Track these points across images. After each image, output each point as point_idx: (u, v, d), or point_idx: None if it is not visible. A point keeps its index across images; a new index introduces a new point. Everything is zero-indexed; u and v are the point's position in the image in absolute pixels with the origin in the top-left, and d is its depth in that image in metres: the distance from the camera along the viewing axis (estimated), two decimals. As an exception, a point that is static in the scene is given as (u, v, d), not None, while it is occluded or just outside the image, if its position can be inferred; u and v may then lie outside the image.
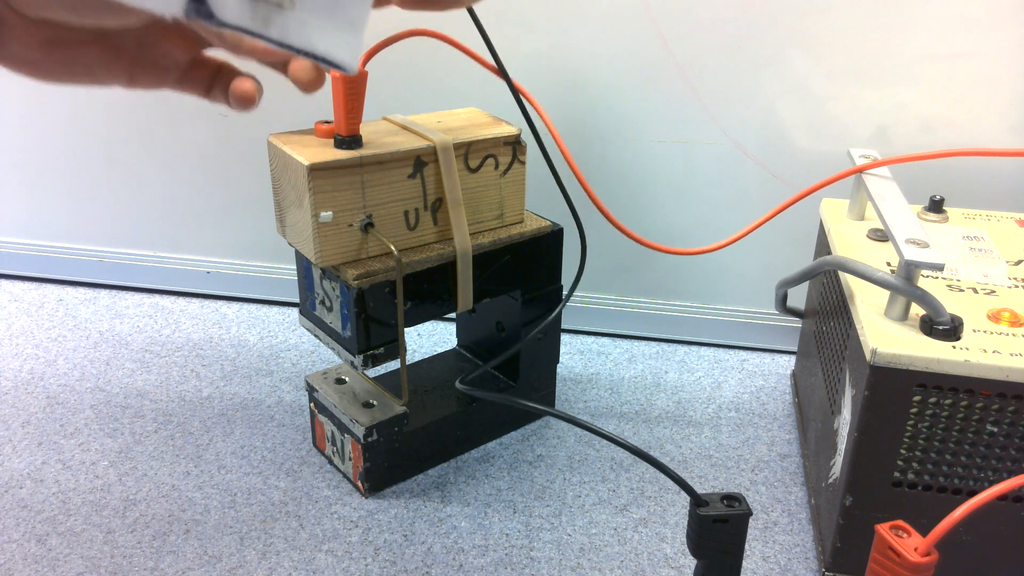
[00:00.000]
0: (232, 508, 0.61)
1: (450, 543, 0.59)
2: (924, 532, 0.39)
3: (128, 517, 0.60)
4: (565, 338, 0.85)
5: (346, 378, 0.66)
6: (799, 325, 0.79)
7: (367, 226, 0.56)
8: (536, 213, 0.66)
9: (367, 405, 0.62)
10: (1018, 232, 0.64)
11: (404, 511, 0.62)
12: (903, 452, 0.50)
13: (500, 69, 0.60)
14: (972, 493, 0.47)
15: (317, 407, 0.66)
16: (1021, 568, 0.51)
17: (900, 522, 0.40)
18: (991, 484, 0.43)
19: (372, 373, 0.67)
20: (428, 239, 0.60)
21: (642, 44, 0.73)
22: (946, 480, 0.50)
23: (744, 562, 0.57)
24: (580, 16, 0.73)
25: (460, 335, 0.76)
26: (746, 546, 0.53)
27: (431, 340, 0.84)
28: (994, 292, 0.55)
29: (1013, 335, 0.49)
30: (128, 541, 0.58)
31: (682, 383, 0.78)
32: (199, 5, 0.20)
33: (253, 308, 0.90)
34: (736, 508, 0.42)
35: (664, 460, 0.67)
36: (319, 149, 0.54)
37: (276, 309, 0.90)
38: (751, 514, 0.43)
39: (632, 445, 0.45)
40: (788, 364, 0.82)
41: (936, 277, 0.56)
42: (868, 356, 0.48)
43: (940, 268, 0.48)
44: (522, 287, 0.65)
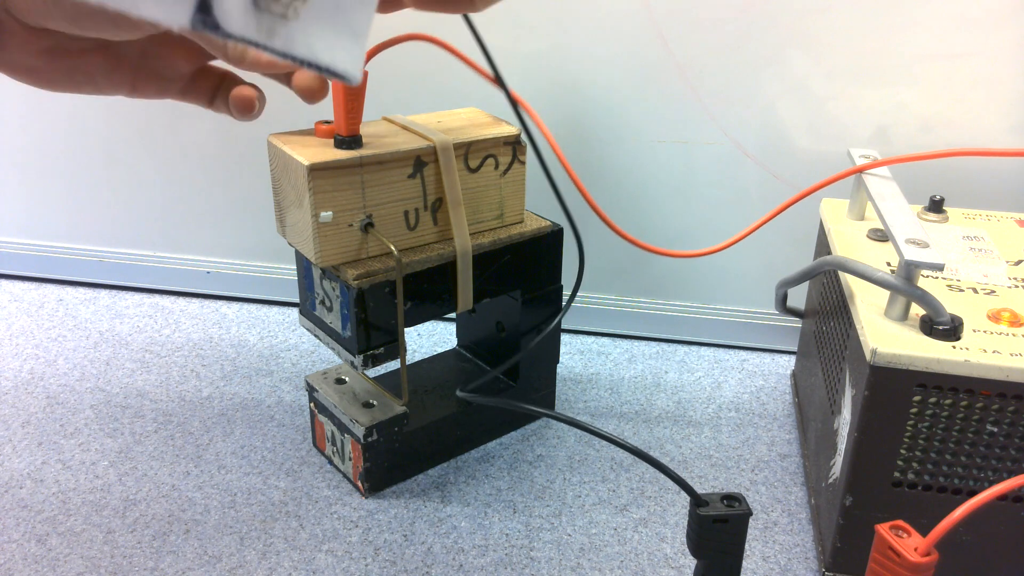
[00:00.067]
0: (232, 508, 0.61)
1: (450, 543, 0.59)
2: (924, 532, 0.39)
3: (128, 517, 0.60)
4: (565, 338, 0.85)
5: (346, 378, 0.66)
6: (799, 325, 0.79)
7: (367, 226, 0.56)
8: (536, 213, 0.66)
9: (367, 405, 0.62)
10: (1018, 232, 0.64)
11: (404, 511, 0.62)
12: (903, 452, 0.50)
13: (497, 77, 0.60)
14: (972, 493, 0.47)
15: (317, 407, 0.66)
16: (1021, 568, 0.51)
17: (900, 522, 0.40)
18: (991, 484, 0.43)
19: (372, 373, 0.67)
20: (428, 239, 0.60)
21: (642, 44, 0.73)
22: (946, 480, 0.50)
23: (744, 562, 0.57)
24: (580, 16, 0.73)
25: (460, 335, 0.76)
26: (746, 546, 0.53)
27: (431, 340, 0.84)
28: (994, 292, 0.55)
29: (1013, 335, 0.49)
30: (128, 541, 0.58)
31: (682, 383, 0.78)
32: (205, 16, 0.20)
33: (253, 308, 0.90)
34: (736, 508, 0.42)
35: (664, 460, 0.67)
36: (319, 149, 0.54)
37: (276, 309, 0.90)
38: (751, 514, 0.43)
39: (632, 445, 0.45)
40: (788, 364, 0.82)
41: (936, 277, 0.56)
42: (868, 356, 0.48)
43: (940, 268, 0.48)
44: (522, 287, 0.65)
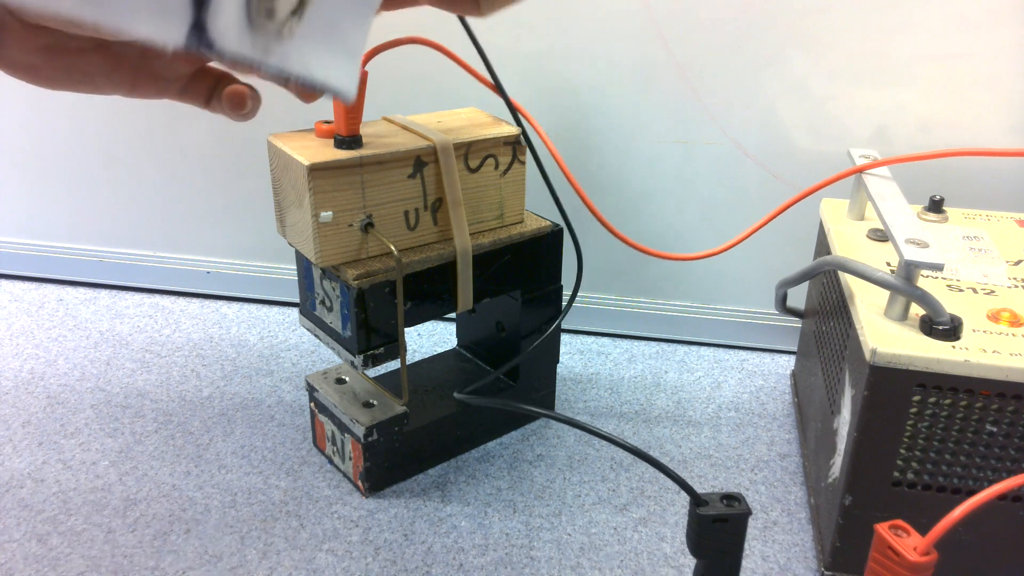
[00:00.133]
0: (232, 508, 0.61)
1: (450, 543, 0.59)
2: (924, 532, 0.39)
3: (129, 517, 0.60)
4: (565, 338, 0.85)
5: (346, 378, 0.66)
6: (799, 325, 0.79)
7: (367, 226, 0.56)
8: (536, 213, 0.66)
9: (367, 405, 0.62)
10: (1018, 232, 0.64)
11: (404, 511, 0.62)
12: (903, 452, 0.50)
13: (495, 84, 0.60)
14: (972, 493, 0.47)
15: (317, 407, 0.66)
16: (1021, 568, 0.51)
17: (899, 522, 0.40)
18: (991, 484, 0.43)
19: (372, 373, 0.67)
20: (428, 239, 0.60)
21: (642, 44, 0.73)
22: (946, 480, 0.50)
23: (744, 561, 0.57)
24: (580, 16, 0.73)
25: (460, 335, 0.76)
26: (746, 546, 0.53)
27: (431, 340, 0.84)
28: (994, 292, 0.55)
29: (1013, 335, 0.49)
30: (129, 540, 0.58)
31: (682, 383, 0.78)
32: (200, 35, 0.20)
33: (253, 308, 0.90)
34: (736, 508, 0.42)
35: (664, 460, 0.67)
36: (319, 149, 0.54)
37: (276, 309, 0.90)
38: (751, 514, 0.43)
39: (631, 445, 0.45)
40: (788, 364, 0.82)
41: (936, 277, 0.56)
42: (868, 356, 0.48)
43: (940, 268, 0.48)
44: (522, 287, 0.65)
